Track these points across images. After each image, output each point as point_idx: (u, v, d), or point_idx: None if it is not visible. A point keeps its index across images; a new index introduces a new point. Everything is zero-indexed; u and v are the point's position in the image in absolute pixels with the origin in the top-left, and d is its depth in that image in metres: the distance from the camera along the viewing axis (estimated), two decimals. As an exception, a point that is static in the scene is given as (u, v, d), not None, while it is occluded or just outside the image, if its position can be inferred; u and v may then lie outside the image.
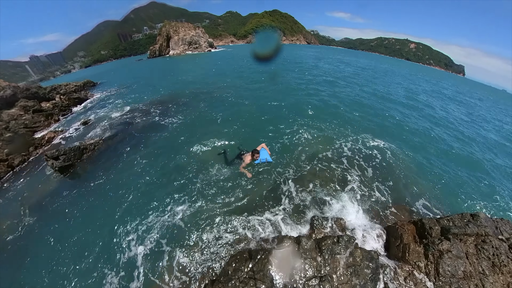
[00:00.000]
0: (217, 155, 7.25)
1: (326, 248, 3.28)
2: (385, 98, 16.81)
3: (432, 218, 4.14)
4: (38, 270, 4.43)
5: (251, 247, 4.02)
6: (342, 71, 28.48)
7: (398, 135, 10.19)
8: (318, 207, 5.20)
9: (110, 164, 7.97)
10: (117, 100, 16.99)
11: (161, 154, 8.04)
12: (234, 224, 4.68)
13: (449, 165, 8.35)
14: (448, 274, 3.32)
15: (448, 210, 5.86)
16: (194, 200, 5.55)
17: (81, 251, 4.66)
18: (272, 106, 12.08)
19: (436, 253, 3.46)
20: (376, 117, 12.03)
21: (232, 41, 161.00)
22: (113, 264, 4.25)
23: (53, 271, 4.33)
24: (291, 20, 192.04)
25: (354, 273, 2.95)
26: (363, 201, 5.46)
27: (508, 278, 3.58)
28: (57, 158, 8.32)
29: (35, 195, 7.06)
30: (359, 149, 8.05)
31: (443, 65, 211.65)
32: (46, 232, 5.39)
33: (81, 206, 6.07)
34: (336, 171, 6.65)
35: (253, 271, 2.93)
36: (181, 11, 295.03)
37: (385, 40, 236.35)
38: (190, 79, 22.07)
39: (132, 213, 5.42)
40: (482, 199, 6.79)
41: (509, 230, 4.36)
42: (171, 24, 71.58)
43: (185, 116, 11.45)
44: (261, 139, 8.00)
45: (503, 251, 3.81)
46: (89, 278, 4.08)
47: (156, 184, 6.43)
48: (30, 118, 12.78)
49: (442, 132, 11.87)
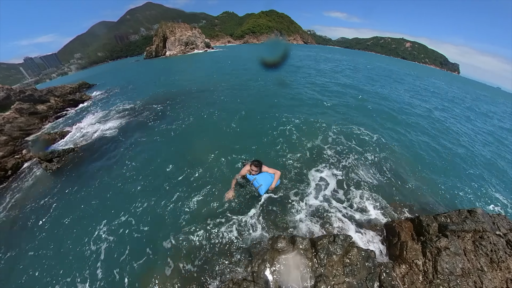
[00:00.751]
0: (213, 158, 7.18)
1: (322, 247, 3.23)
2: (382, 96, 16.89)
3: (429, 215, 4.11)
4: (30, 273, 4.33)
5: (246, 249, 3.95)
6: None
7: (394, 129, 10.21)
8: (313, 205, 5.15)
9: (105, 165, 7.86)
10: (112, 101, 16.84)
11: (156, 155, 7.94)
12: (227, 226, 4.60)
13: (447, 161, 8.38)
14: (446, 272, 3.28)
15: (446, 206, 5.85)
16: (188, 202, 5.46)
17: (69, 253, 4.57)
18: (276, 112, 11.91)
19: (434, 250, 3.43)
20: (371, 112, 12.04)
21: (229, 41, 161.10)
22: (103, 268, 4.17)
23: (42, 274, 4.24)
24: (288, 20, 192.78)
25: (351, 272, 2.90)
26: (359, 199, 5.43)
27: (507, 274, 3.56)
28: (50, 160, 8.21)
29: (28, 197, 6.95)
30: (353, 146, 8.04)
31: (438, 63, 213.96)
32: (38, 236, 5.29)
33: (74, 207, 5.98)
34: (330, 168, 6.62)
35: (247, 272, 2.87)
36: (177, 12, 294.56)
37: (381, 39, 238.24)
38: (187, 80, 21.96)
39: (124, 215, 5.32)
40: (479, 194, 6.80)
41: (506, 225, 4.35)
42: (168, 25, 71.37)
43: (183, 117, 11.36)
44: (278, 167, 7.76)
45: (500, 247, 3.79)
46: (80, 280, 4.01)
47: (149, 185, 6.35)
48: (24, 120, 12.63)
49: (439, 127, 11.91)
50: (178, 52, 67.95)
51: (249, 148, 7.72)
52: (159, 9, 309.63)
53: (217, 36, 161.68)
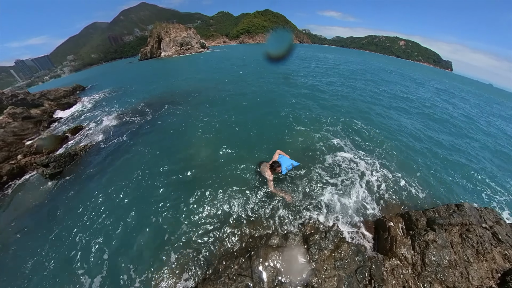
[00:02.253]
0: (212, 158, 7.27)
1: (314, 243, 3.36)
2: (380, 94, 17.14)
3: (418, 210, 4.28)
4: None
5: (241, 245, 4.10)
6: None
7: (385, 123, 10.42)
8: (307, 203, 5.28)
9: (100, 169, 7.87)
10: (107, 103, 16.74)
11: (151, 158, 7.99)
12: (223, 222, 4.73)
13: (438, 155, 8.58)
14: (434, 264, 3.44)
15: (436, 201, 6.03)
16: (184, 201, 5.55)
17: (66, 257, 4.63)
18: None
19: (422, 244, 3.59)
20: (363, 109, 12.23)
21: (225, 41, 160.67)
22: (100, 267, 4.25)
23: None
24: (283, 20, 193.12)
25: (341, 266, 3.03)
26: (352, 195, 5.57)
27: (492, 265, 3.74)
28: (47, 165, 8.17)
29: (24, 203, 6.93)
30: (346, 143, 8.20)
31: (432, 61, 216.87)
32: (34, 241, 5.32)
33: (71, 212, 5.99)
34: (323, 164, 6.76)
35: (242, 268, 2.99)
36: (172, 13, 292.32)
37: (376, 38, 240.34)
38: (182, 81, 21.95)
39: (121, 218, 5.37)
40: (468, 188, 7.02)
41: (492, 218, 4.54)
42: (162, 26, 70.94)
43: (179, 118, 11.38)
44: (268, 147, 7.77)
45: (486, 239, 3.98)
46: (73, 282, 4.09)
47: (145, 187, 6.40)
48: (19, 125, 12.49)
49: (432, 123, 12.16)
50: (173, 53, 67.59)
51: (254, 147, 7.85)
52: (153, 9, 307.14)
53: (213, 37, 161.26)
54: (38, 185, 7.82)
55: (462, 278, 3.44)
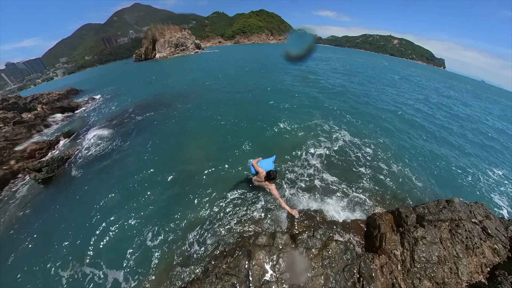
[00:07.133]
0: (204, 160, 7.26)
1: (301, 242, 3.37)
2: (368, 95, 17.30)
3: (408, 207, 4.32)
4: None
5: (230, 245, 4.12)
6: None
7: (379, 124, 10.50)
8: (298, 201, 5.31)
9: (93, 173, 7.81)
10: (101, 106, 16.57)
11: (143, 160, 7.94)
12: (213, 223, 4.75)
13: (428, 152, 8.68)
14: (423, 260, 3.47)
15: (427, 197, 6.09)
16: (174, 202, 5.54)
17: (59, 260, 4.60)
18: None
19: (411, 240, 3.62)
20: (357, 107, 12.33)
21: (220, 42, 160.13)
22: (91, 268, 4.25)
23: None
24: (278, 20, 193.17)
25: (329, 265, 3.05)
26: (342, 193, 5.61)
27: (481, 259, 3.78)
28: (39, 170, 8.07)
29: (17, 208, 6.82)
30: (336, 140, 8.26)
31: (425, 59, 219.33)
32: (28, 247, 5.25)
33: (65, 217, 5.92)
34: (314, 162, 6.80)
35: (230, 267, 3.01)
36: (167, 13, 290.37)
37: (370, 37, 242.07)
38: (177, 82, 21.83)
39: (112, 221, 5.33)
40: (460, 184, 7.13)
41: (482, 212, 4.58)
42: (157, 27, 70.39)
43: (172, 121, 11.33)
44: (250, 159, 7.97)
45: (476, 233, 4.02)
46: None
47: (136, 189, 6.38)
48: (10, 130, 12.26)
49: (422, 120, 12.31)
50: (168, 54, 67.08)
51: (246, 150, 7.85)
52: (147, 10, 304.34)
53: (208, 37, 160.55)
54: (31, 190, 7.72)
55: (452, 273, 3.47)
